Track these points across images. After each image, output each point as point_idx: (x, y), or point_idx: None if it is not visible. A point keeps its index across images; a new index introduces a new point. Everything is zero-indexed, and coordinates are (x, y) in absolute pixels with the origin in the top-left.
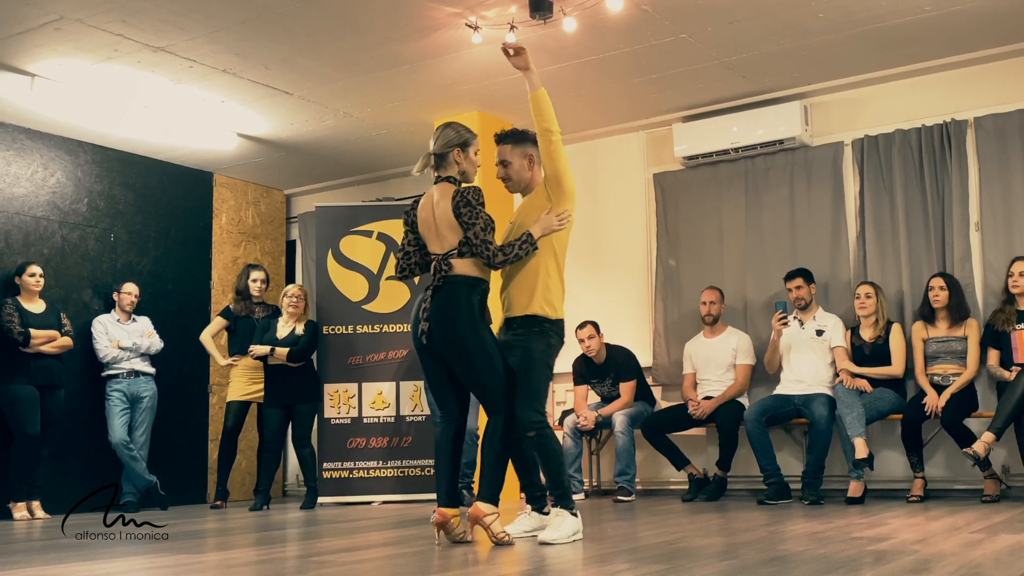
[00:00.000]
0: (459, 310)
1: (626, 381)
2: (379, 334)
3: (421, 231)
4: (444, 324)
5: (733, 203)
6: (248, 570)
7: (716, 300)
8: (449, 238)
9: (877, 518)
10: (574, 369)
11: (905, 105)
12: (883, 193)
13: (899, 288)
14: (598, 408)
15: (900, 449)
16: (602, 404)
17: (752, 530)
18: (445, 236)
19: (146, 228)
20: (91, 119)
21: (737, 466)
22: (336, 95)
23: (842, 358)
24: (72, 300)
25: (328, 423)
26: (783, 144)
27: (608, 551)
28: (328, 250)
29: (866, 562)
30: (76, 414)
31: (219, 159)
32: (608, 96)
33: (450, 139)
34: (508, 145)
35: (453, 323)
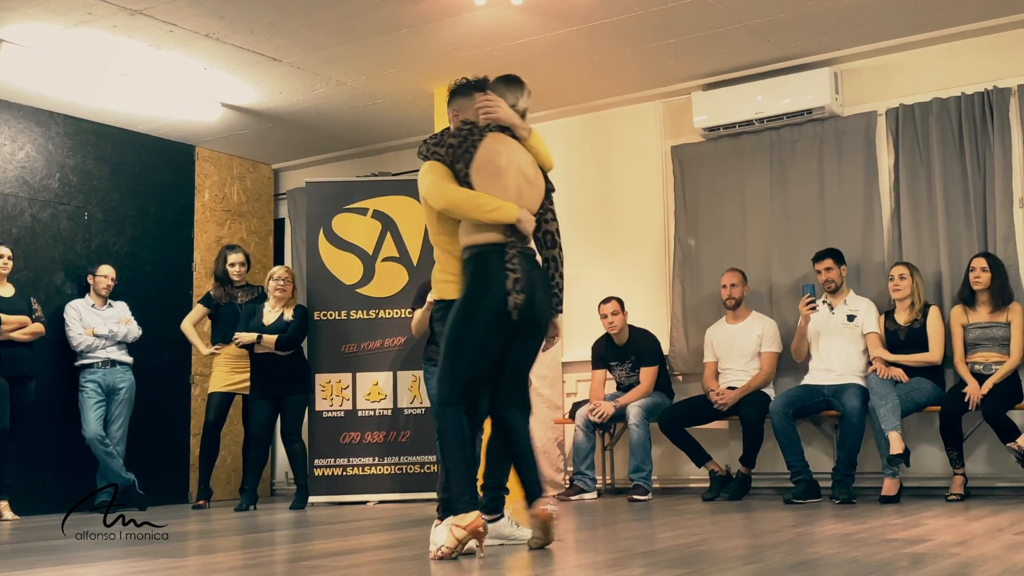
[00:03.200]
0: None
1: (648, 366)
2: (374, 320)
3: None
4: (544, 299)
5: (757, 178)
6: (233, 575)
7: (739, 283)
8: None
9: (913, 518)
10: (593, 352)
11: (943, 72)
12: (919, 167)
13: (937, 269)
14: (614, 399)
15: (938, 444)
16: (618, 393)
17: (778, 531)
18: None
19: (123, 206)
20: (63, 88)
21: (762, 462)
22: (328, 62)
23: (875, 345)
24: (43, 284)
25: (320, 416)
26: (811, 114)
27: (622, 554)
28: (319, 229)
29: (902, 566)
30: (48, 407)
31: (202, 131)
32: (622, 63)
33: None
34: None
35: (547, 299)
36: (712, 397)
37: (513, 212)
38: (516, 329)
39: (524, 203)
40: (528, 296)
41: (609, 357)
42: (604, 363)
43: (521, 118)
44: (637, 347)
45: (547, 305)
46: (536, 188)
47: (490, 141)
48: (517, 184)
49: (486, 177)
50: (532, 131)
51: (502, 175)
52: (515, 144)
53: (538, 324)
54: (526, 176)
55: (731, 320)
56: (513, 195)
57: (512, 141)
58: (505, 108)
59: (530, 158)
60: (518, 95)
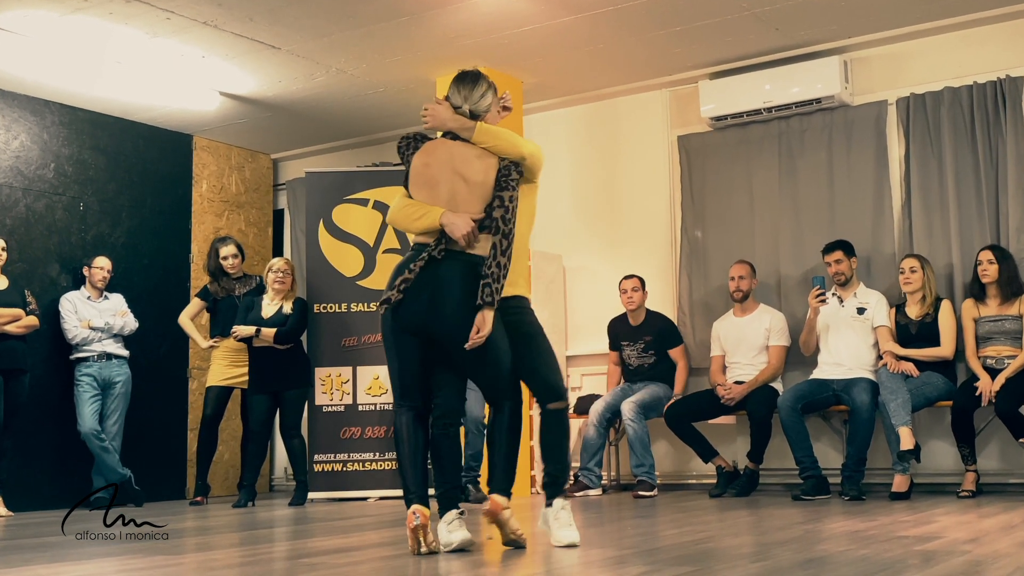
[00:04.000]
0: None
1: (675, 347)
2: (376, 313)
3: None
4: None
5: (765, 168)
6: (231, 573)
7: (747, 275)
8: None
9: (924, 515)
10: (608, 332)
11: (955, 60)
12: (931, 157)
13: (948, 261)
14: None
15: (950, 439)
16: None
17: (786, 528)
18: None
19: (119, 196)
20: (59, 76)
21: (770, 458)
22: (328, 49)
23: (886, 339)
24: (38, 276)
25: (319, 411)
26: (820, 103)
27: (627, 551)
28: (319, 220)
29: (912, 564)
30: (42, 401)
31: (199, 120)
32: (627, 51)
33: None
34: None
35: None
36: (719, 391)
37: (434, 217)
38: (425, 333)
39: (458, 208)
40: (422, 298)
41: (621, 336)
42: (616, 344)
43: (474, 117)
44: (653, 328)
45: (459, 307)
46: (478, 187)
47: (420, 154)
48: (451, 189)
49: (419, 188)
50: (477, 129)
51: (433, 184)
52: (452, 148)
53: (444, 327)
54: (464, 178)
55: (739, 313)
56: (445, 202)
57: (449, 145)
58: (441, 115)
59: (474, 157)
60: (465, 94)
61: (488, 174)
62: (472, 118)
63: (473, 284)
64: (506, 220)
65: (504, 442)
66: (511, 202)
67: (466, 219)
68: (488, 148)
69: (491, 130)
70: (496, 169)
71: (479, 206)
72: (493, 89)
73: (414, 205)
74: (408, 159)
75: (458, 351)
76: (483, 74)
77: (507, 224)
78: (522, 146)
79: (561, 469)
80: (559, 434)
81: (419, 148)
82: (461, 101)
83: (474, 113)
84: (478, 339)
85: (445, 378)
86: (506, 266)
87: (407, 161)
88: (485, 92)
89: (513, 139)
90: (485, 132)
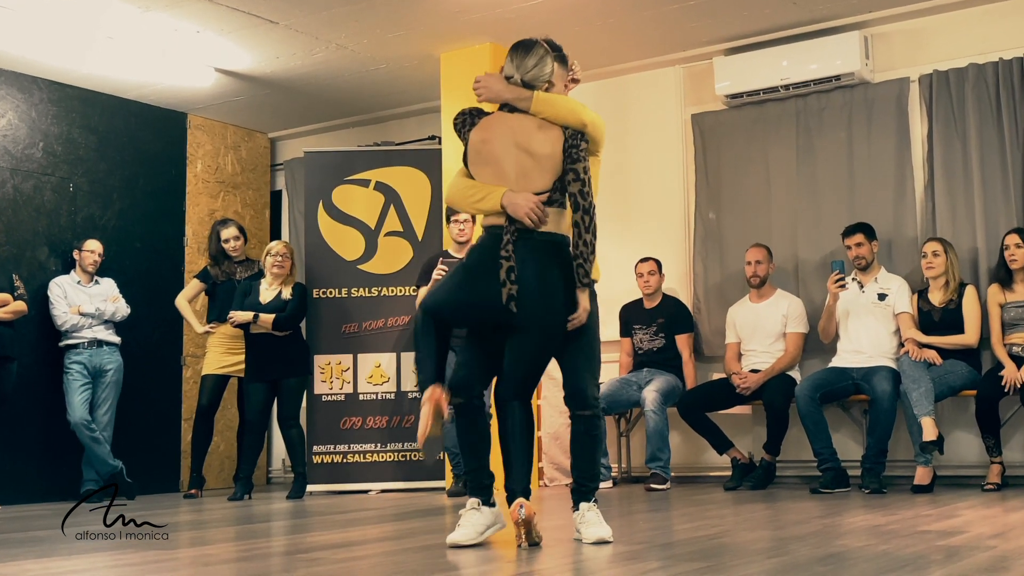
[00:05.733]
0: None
1: (682, 333)
2: (377, 298)
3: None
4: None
5: (783, 148)
6: (227, 568)
7: (763, 259)
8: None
9: (948, 509)
10: (620, 319)
11: (980, 36)
12: (955, 137)
13: (973, 245)
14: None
15: (974, 430)
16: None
17: (804, 523)
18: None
19: (110, 177)
20: (47, 52)
21: (787, 449)
22: (328, 24)
23: (907, 325)
24: (25, 259)
25: (319, 400)
26: (840, 80)
27: (640, 547)
28: (319, 202)
29: (935, 559)
30: (30, 390)
31: (194, 98)
32: (639, 25)
33: (548, 73)
34: (556, 64)
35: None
36: (734, 380)
37: (496, 199)
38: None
39: (528, 183)
40: (521, 286)
41: (633, 321)
42: (628, 328)
43: (528, 87)
44: (667, 312)
45: (535, 289)
46: (546, 160)
47: (476, 131)
48: (518, 165)
49: (480, 166)
50: (535, 98)
51: (496, 162)
52: (511, 121)
53: (520, 310)
54: (530, 152)
55: (755, 299)
56: (513, 179)
57: (507, 118)
58: (494, 86)
59: (535, 129)
60: (518, 63)
61: (555, 145)
62: (527, 89)
63: (549, 264)
64: (584, 194)
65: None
66: (586, 173)
67: (528, 197)
68: (547, 118)
69: (549, 98)
70: (562, 140)
71: (549, 180)
72: (555, 58)
73: (474, 187)
74: (465, 136)
75: (522, 335)
76: (540, 42)
77: (586, 199)
78: (583, 113)
79: (587, 478)
80: (586, 443)
81: (474, 123)
82: (513, 71)
83: (528, 84)
84: (576, 323)
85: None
86: (592, 243)
87: (464, 139)
88: (541, 60)
89: (573, 106)
90: (543, 101)
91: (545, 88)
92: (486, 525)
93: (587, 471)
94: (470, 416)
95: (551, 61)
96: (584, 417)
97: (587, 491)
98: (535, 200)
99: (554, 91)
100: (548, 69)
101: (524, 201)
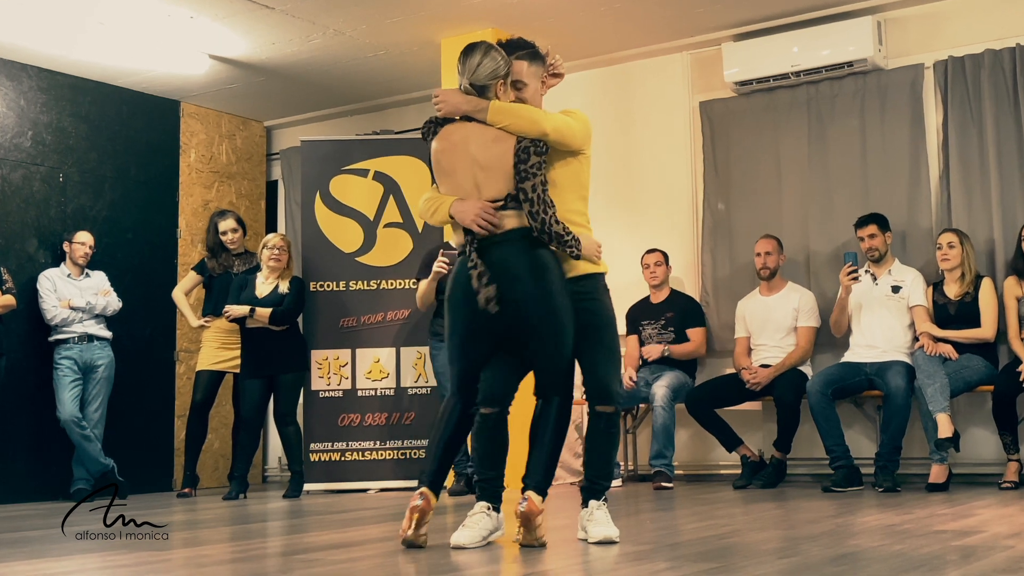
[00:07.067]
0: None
1: (694, 327)
2: (376, 291)
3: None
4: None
5: (793, 136)
6: (222, 570)
7: (773, 251)
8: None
9: (964, 508)
10: (627, 318)
11: (996, 20)
12: (970, 125)
13: (989, 237)
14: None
15: (991, 427)
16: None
17: (816, 522)
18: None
19: (101, 167)
20: (37, 38)
21: (798, 447)
22: (326, 9)
23: (922, 319)
24: (14, 252)
25: (316, 396)
26: (852, 67)
27: (647, 547)
28: (316, 192)
29: (951, 560)
30: (19, 386)
31: (188, 85)
32: (645, 10)
33: (496, 69)
34: (524, 62)
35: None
36: (744, 376)
37: (444, 210)
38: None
39: (483, 194)
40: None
41: (641, 317)
42: (635, 326)
43: (479, 91)
44: (676, 306)
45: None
46: (498, 173)
47: (436, 141)
48: (472, 176)
49: (441, 179)
50: (490, 109)
51: (453, 173)
52: (469, 131)
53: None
54: (482, 164)
55: (765, 292)
56: (468, 190)
57: (465, 128)
58: (452, 98)
59: (490, 141)
60: (462, 68)
61: (506, 158)
62: (478, 93)
63: (537, 253)
64: (534, 215)
65: (549, 438)
66: (534, 192)
67: (475, 203)
68: (506, 128)
69: (506, 108)
70: (511, 153)
71: (503, 189)
72: (527, 55)
73: (430, 199)
74: (429, 146)
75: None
76: (485, 42)
77: (536, 219)
78: (543, 122)
79: (600, 476)
80: (603, 441)
81: (435, 135)
82: (462, 78)
83: (476, 87)
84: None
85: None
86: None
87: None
88: (486, 55)
89: (533, 115)
90: (499, 111)
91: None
92: (490, 530)
93: (602, 469)
94: (496, 428)
95: (499, 56)
96: (606, 414)
97: (599, 489)
98: (482, 205)
99: (529, 90)
100: (498, 63)
101: (471, 207)
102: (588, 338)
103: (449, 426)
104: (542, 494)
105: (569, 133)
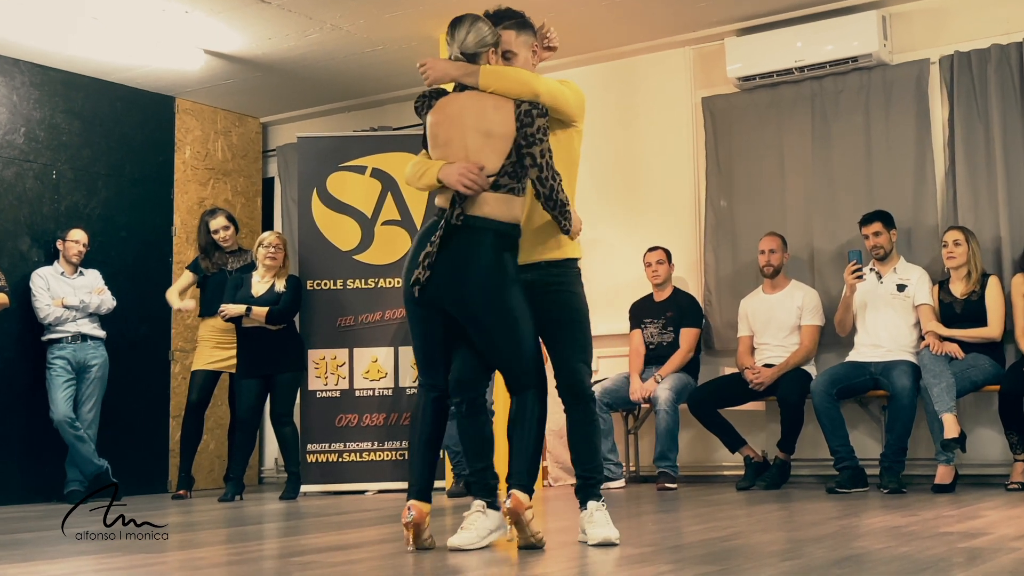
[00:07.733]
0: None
1: (689, 327)
2: (374, 290)
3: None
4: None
5: (797, 133)
6: (217, 572)
7: (777, 249)
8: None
9: (970, 509)
10: (630, 314)
11: (1003, 15)
12: (977, 121)
13: (996, 234)
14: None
15: (997, 427)
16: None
17: (820, 524)
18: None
19: (95, 164)
20: (29, 33)
21: (802, 447)
22: (322, 4)
23: (928, 318)
24: (7, 250)
25: (313, 396)
26: (857, 62)
27: (648, 549)
28: (313, 189)
29: (957, 562)
30: (11, 386)
31: (182, 81)
32: (647, 5)
33: (485, 37)
34: (512, 31)
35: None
36: (747, 375)
37: (433, 173)
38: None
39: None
40: (443, 271)
41: (643, 315)
42: (638, 322)
43: (471, 60)
44: (677, 305)
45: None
46: (498, 141)
47: (432, 113)
48: (469, 145)
49: (435, 150)
50: (481, 72)
51: (448, 143)
52: (465, 100)
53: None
54: (482, 132)
55: (768, 290)
56: (463, 159)
57: (461, 98)
58: (439, 66)
59: (490, 108)
60: (450, 39)
61: (508, 124)
62: (470, 62)
63: (499, 254)
64: (543, 180)
65: (527, 432)
66: (542, 157)
67: (462, 164)
68: (497, 91)
69: (497, 70)
70: (513, 118)
71: (497, 162)
72: (515, 25)
73: (418, 163)
74: (424, 119)
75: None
76: (472, 14)
77: (545, 184)
78: (535, 83)
79: (590, 470)
80: (585, 431)
81: (430, 106)
82: (451, 48)
83: (466, 56)
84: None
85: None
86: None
87: (424, 120)
88: (472, 26)
89: (524, 76)
90: (490, 73)
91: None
92: (490, 529)
93: (590, 462)
94: (473, 415)
95: (485, 26)
96: (581, 405)
97: (593, 485)
98: (467, 166)
99: (519, 60)
100: (484, 32)
101: (456, 168)
102: (561, 332)
103: (425, 422)
104: (527, 490)
105: (562, 98)
